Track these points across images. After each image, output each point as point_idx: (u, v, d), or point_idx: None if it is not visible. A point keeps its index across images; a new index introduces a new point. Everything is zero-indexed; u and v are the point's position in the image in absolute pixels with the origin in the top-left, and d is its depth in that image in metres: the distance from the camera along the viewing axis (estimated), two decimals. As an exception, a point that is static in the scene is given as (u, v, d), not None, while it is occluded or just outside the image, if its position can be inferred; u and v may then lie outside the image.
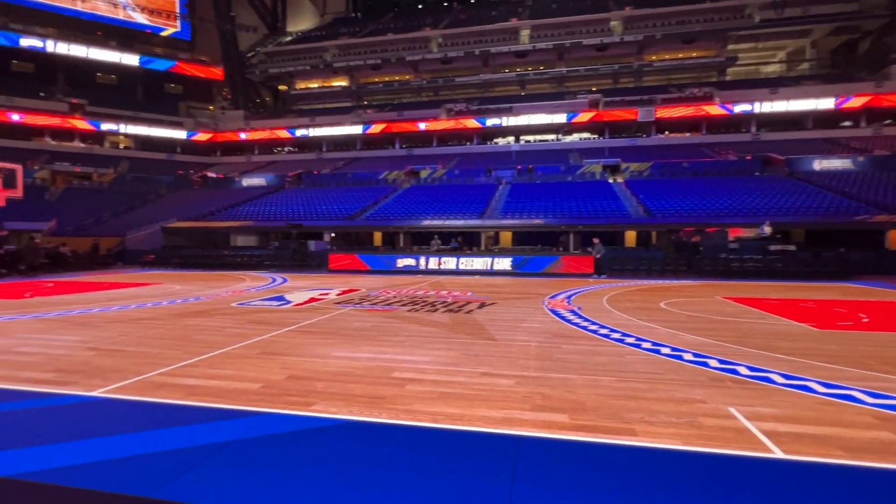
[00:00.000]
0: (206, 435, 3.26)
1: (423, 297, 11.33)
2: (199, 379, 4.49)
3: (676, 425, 3.51)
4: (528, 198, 28.22)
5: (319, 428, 3.40)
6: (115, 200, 34.54)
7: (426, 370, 4.84)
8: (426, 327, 7.27)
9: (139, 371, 4.76)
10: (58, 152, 40.89)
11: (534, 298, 10.98)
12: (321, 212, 29.49)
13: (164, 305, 9.82)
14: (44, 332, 6.93)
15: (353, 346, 5.92)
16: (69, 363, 5.09)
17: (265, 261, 22.65)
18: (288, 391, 4.14)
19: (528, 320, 7.92)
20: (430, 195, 31.14)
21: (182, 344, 6.07)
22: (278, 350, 5.72)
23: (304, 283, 15.07)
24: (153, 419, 3.55)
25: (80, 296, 11.63)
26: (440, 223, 24.89)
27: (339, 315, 8.54)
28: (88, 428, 3.38)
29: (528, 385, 4.36)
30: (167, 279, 16.75)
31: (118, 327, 7.27)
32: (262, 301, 10.46)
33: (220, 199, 34.99)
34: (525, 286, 14.26)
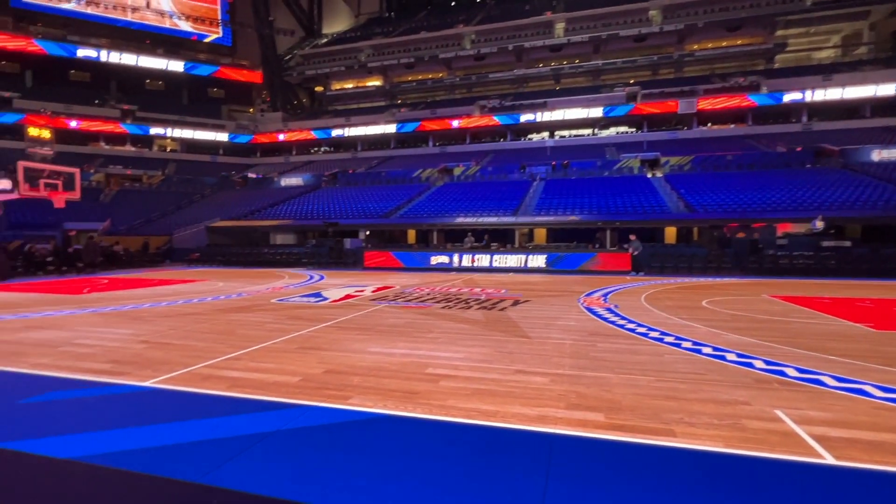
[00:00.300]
0: (249, 425, 3.39)
1: (457, 294, 11.35)
2: (241, 371, 4.67)
3: (718, 427, 3.40)
4: (563, 194, 27.80)
5: (356, 421, 3.48)
6: (163, 201, 36.24)
7: (460, 366, 4.86)
8: (460, 324, 7.29)
9: (186, 363, 5.00)
10: (111, 156, 43.25)
11: (568, 296, 10.82)
12: (356, 210, 30.00)
13: (209, 301, 10.23)
14: (100, 325, 7.37)
15: (388, 342, 6.00)
16: (123, 355, 5.40)
17: (303, 258, 23.26)
18: (326, 385, 4.26)
19: (562, 318, 7.82)
20: (463, 192, 31.14)
21: (226, 338, 6.31)
22: (316, 345, 5.87)
23: (341, 280, 15.38)
24: (200, 409, 3.73)
25: (133, 292, 12.29)
26: (473, 220, 24.86)
27: (375, 311, 8.67)
28: (141, 416, 3.59)
29: (562, 383, 4.32)
30: (211, 276, 17.46)
31: (167, 322, 7.65)
32: (301, 297, 10.74)
33: (260, 198, 36.14)
34: (560, 283, 14.09)
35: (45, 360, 5.14)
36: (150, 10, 47.37)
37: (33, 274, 17.87)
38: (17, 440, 3.15)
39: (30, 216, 27.76)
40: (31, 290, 12.85)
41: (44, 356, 5.34)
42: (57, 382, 4.41)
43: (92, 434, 3.27)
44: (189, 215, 33.86)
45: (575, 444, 3.12)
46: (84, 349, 5.69)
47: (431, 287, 12.96)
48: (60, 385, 4.33)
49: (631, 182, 28.70)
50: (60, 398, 3.99)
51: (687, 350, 5.55)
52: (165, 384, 4.30)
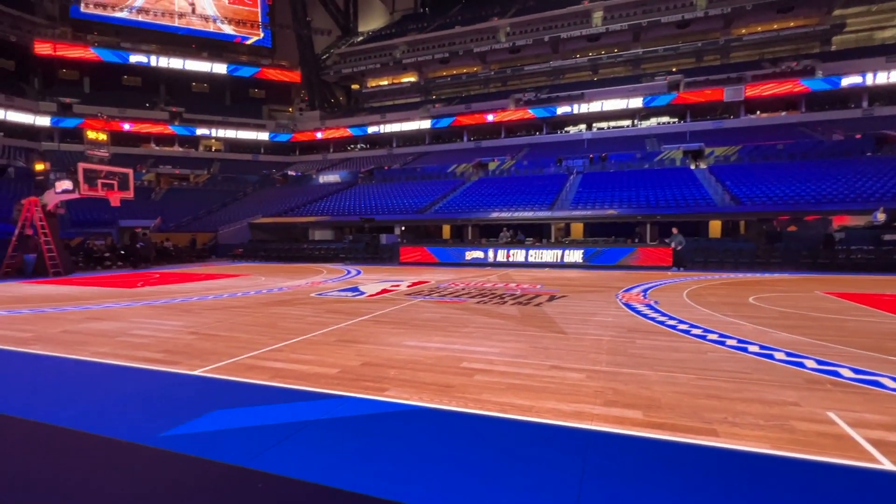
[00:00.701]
0: (291, 414, 3.53)
1: (492, 289, 11.36)
2: (283, 363, 4.86)
3: (764, 428, 3.28)
4: (601, 187, 27.22)
5: (392, 412, 3.56)
6: (208, 199, 37.79)
7: (494, 361, 4.87)
8: (495, 319, 7.30)
9: (232, 354, 5.23)
10: (160, 156, 45.45)
11: (606, 292, 10.66)
12: (392, 206, 30.35)
13: (252, 295, 10.65)
14: (153, 317, 7.82)
15: (424, 336, 6.08)
16: (174, 345, 5.71)
17: (340, 253, 23.76)
18: (363, 377, 4.36)
19: (599, 314, 7.71)
20: (498, 187, 30.97)
21: (268, 330, 6.56)
22: (354, 338, 6.02)
23: (377, 276, 15.64)
24: (244, 397, 3.90)
25: (182, 286, 12.92)
26: (508, 215, 24.70)
27: (410, 306, 8.79)
28: (192, 402, 3.79)
29: (599, 379, 4.26)
30: (254, 271, 18.13)
31: (214, 314, 8.01)
32: (339, 292, 11.02)
33: (300, 195, 37.10)
34: (597, 279, 13.90)
35: (104, 349, 5.50)
36: (196, 15, 49.29)
37: (92, 268, 19.07)
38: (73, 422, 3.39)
39: (88, 214, 29.56)
40: (90, 283, 13.73)
41: (103, 345, 5.71)
42: (116, 370, 4.71)
43: (145, 417, 3.48)
44: (233, 212, 35.17)
45: (611, 442, 3.08)
46: (139, 339, 6.06)
47: (466, 282, 13.00)
48: (119, 372, 4.63)
49: (673, 174, 27.79)
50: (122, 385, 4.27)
51: (731, 348, 5.36)
52: (213, 373, 4.52)
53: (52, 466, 2.82)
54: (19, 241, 15.84)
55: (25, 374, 4.61)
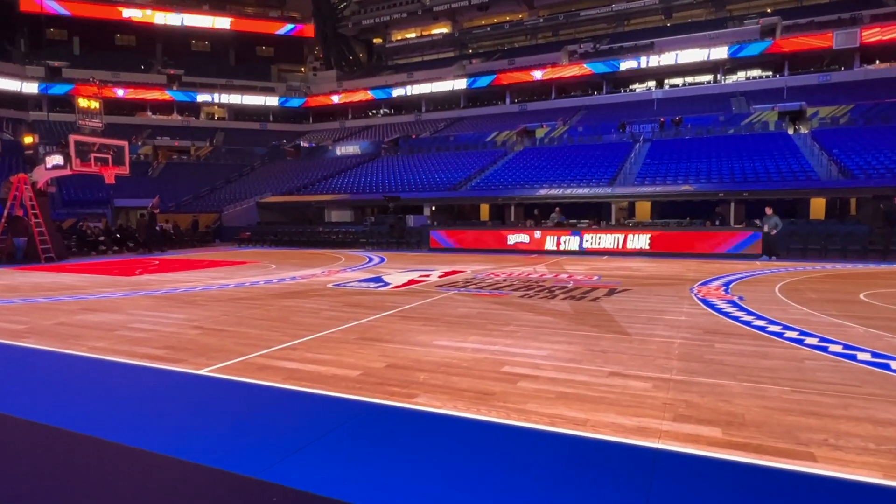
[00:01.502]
0: (307, 421, 3.66)
1: (539, 280, 11.36)
2: (298, 363, 5.02)
3: (876, 453, 3.17)
4: (674, 158, 26.57)
5: (422, 422, 3.64)
6: (211, 174, 38.97)
7: (542, 366, 4.90)
8: (542, 316, 7.31)
9: (241, 352, 5.45)
10: (158, 126, 47.07)
11: (678, 285, 10.52)
12: (420, 182, 30.50)
13: (262, 285, 11.00)
14: (153, 309, 8.21)
15: (458, 335, 6.15)
16: (177, 341, 5.99)
17: (360, 238, 24.14)
18: (388, 380, 4.47)
19: (670, 311, 7.62)
20: (547, 159, 30.65)
21: (280, 325, 6.79)
22: (377, 336, 6.15)
23: (403, 263, 15.82)
24: (256, 400, 4.07)
25: (184, 274, 13.48)
26: (559, 192, 24.46)
27: (442, 299, 8.88)
28: (198, 405, 3.98)
29: (669, 390, 4.22)
30: (263, 257, 18.67)
31: (220, 306, 8.35)
32: (359, 283, 11.26)
33: (313, 170, 37.76)
34: (667, 269, 13.70)
35: (101, 344, 5.83)
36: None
37: (86, 253, 20.10)
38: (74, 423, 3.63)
39: (81, 193, 31.06)
40: (85, 270, 14.50)
41: (100, 339, 6.06)
42: (115, 368, 4.99)
43: (152, 423, 3.69)
44: (238, 190, 36.17)
45: (683, 463, 3.06)
46: (139, 333, 6.39)
47: (508, 272, 13.01)
48: (119, 371, 4.91)
49: (765, 141, 26.79)
50: (116, 382, 4.53)
51: (835, 355, 5.20)
52: (221, 373, 4.73)
53: (48, 468, 3.05)
54: (8, 222, 16.84)
55: (22, 370, 4.94)
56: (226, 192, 36.13)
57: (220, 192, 36.33)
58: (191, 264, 16.43)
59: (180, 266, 15.83)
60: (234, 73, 51.22)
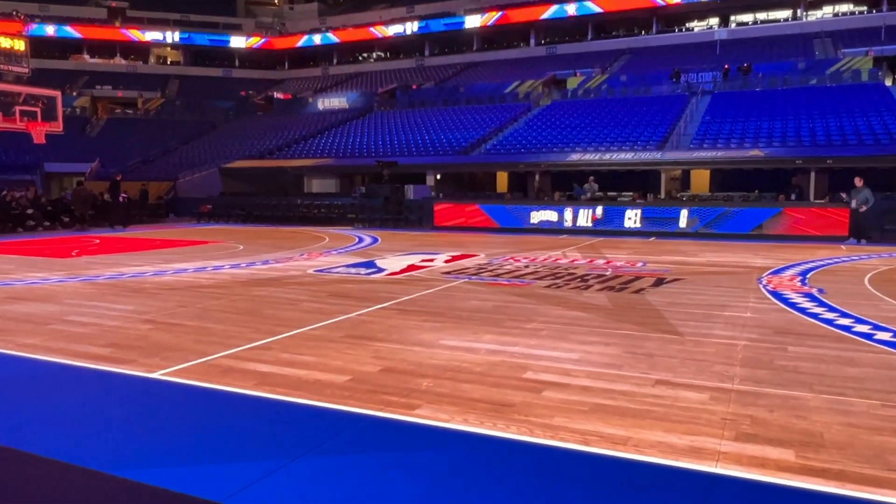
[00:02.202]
0: (283, 436, 3.69)
1: (570, 267, 11.38)
2: (272, 365, 5.06)
3: None
4: (740, 115, 26.31)
5: (425, 439, 3.66)
6: (164, 133, 38.96)
7: (573, 371, 4.91)
8: (573, 311, 7.32)
9: (203, 351, 5.50)
10: (98, 73, 46.97)
11: (743, 273, 10.52)
12: (423, 144, 30.38)
13: (227, 270, 11.07)
14: (95, 298, 8.28)
15: (469, 333, 6.18)
16: (125, 337, 6.05)
17: (349, 213, 24.16)
18: (383, 388, 4.49)
19: (732, 306, 7.62)
20: (581, 115, 30.42)
21: (250, 320, 6.85)
22: (369, 333, 6.18)
23: (401, 245, 15.83)
24: (221, 411, 4.11)
25: (131, 255, 13.54)
26: (596, 158, 24.32)
27: (449, 289, 8.91)
28: (152, 415, 4.02)
29: (729, 402, 4.23)
30: (228, 236, 18.73)
31: (176, 296, 8.41)
32: (347, 268, 11.31)
33: (290, 128, 37.67)
34: (729, 254, 13.67)
35: (32, 341, 5.90)
36: None
37: (11, 230, 20.24)
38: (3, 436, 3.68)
39: (4, 156, 31.18)
40: (10, 250, 14.60)
41: (30, 335, 6.13)
42: (49, 369, 5.04)
43: (89, 435, 3.73)
44: (197, 152, 36.18)
45: (746, 492, 3.07)
46: (77, 328, 6.46)
47: (532, 257, 13.02)
48: (54, 373, 4.96)
49: (856, 94, 26.42)
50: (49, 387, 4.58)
51: (939, 362, 5.17)
52: (177, 377, 4.77)
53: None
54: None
55: (-67, 372, 5.01)
56: (182, 156, 36.16)
57: (175, 156, 36.36)
58: (139, 244, 16.47)
59: (126, 246, 15.88)
60: (191, 7, 50.91)
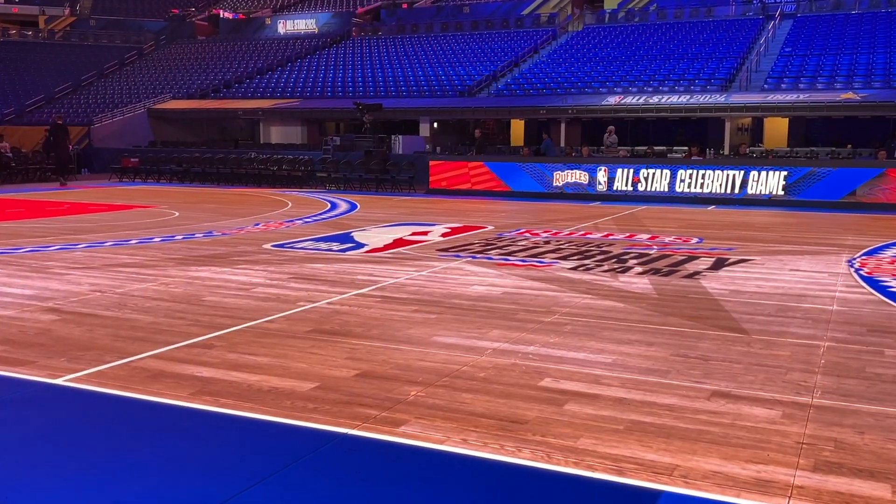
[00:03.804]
0: (226, 462, 3.69)
1: (602, 243, 11.35)
2: (215, 368, 5.06)
3: None
4: (830, 46, 26.13)
5: (412, 465, 3.67)
6: (73, 62, 38.64)
7: (603, 378, 4.92)
8: (605, 300, 7.32)
9: (124, 350, 5.49)
10: (-13, -18, 46.40)
11: (830, 254, 10.51)
12: (415, 82, 30.17)
13: (157, 244, 10.99)
14: (-16, 279, 8.25)
15: (472, 328, 6.17)
16: (21, 331, 6.03)
17: (319, 171, 24.06)
18: (360, 398, 4.50)
19: (814, 296, 7.60)
20: (621, 45, 30.22)
21: (187, 309, 6.82)
22: (343, 327, 6.17)
23: (386, 213, 15.80)
24: (146, 427, 4.10)
25: (31, 223, 13.44)
26: (640, 101, 24.19)
27: (447, 271, 8.89)
28: (52, 432, 4.03)
29: (808, 421, 4.24)
30: (159, 198, 18.62)
31: (89, 277, 8.35)
32: (315, 242, 11.29)
33: (241, 58, 37.37)
34: (810, 227, 13.66)
35: None
36: None
37: None
38: None
39: None
40: None
41: None
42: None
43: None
44: (118, 89, 35.93)
45: (828, 537, 3.09)
46: (-40, 318, 6.44)
47: (554, 230, 12.98)
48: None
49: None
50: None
51: None
52: (89, 383, 4.76)
53: None
54: None
55: None
56: (98, 93, 35.89)
57: (89, 93, 36.09)
58: (41, 208, 16.37)
59: (24, 212, 15.76)
60: None
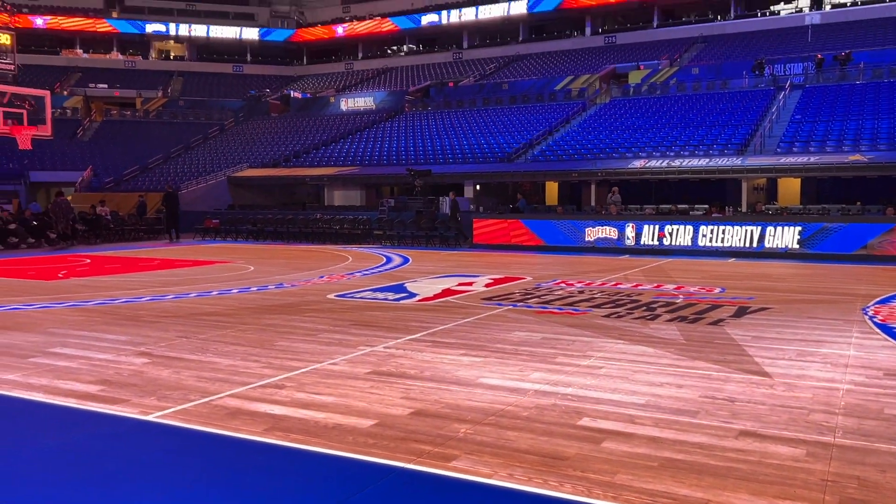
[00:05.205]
0: (296, 491, 3.70)
1: (633, 293, 11.31)
2: (286, 406, 5.10)
3: None
4: (838, 113, 25.89)
5: (463, 497, 3.63)
6: (164, 137, 39.92)
7: (638, 418, 4.85)
8: (638, 345, 7.27)
9: (206, 389, 5.57)
10: (92, 70, 48.46)
11: (845, 302, 10.35)
12: (460, 150, 30.52)
13: (235, 295, 11.24)
14: (83, 326, 8.47)
15: (515, 370, 6.17)
16: (116, 373, 6.17)
17: (375, 229, 24.34)
18: (414, 434, 4.49)
19: (832, 341, 7.48)
20: (645, 114, 30.26)
21: (261, 353, 6.92)
22: (398, 369, 6.21)
23: (435, 266, 15.91)
24: (226, 460, 4.15)
25: (125, 277, 13.83)
26: (664, 164, 24.13)
27: (491, 318, 8.90)
28: (145, 465, 4.08)
29: (831, 460, 4.13)
30: (236, 254, 19.01)
31: (175, 325, 8.55)
32: (373, 292, 11.40)
33: (308, 131, 38.26)
34: (825, 278, 13.46)
35: (13, 376, 6.05)
36: None
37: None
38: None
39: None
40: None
41: (10, 370, 6.29)
42: (31, 410, 5.16)
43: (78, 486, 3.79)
44: (203, 159, 36.96)
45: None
46: (63, 361, 6.60)
47: (587, 280, 12.95)
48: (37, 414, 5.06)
49: (980, 88, 25.78)
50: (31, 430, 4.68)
51: None
52: (176, 420, 4.83)
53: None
54: None
55: None
56: (185, 163, 36.97)
57: (177, 163, 37.19)
58: (134, 264, 16.79)
59: (120, 266, 16.19)
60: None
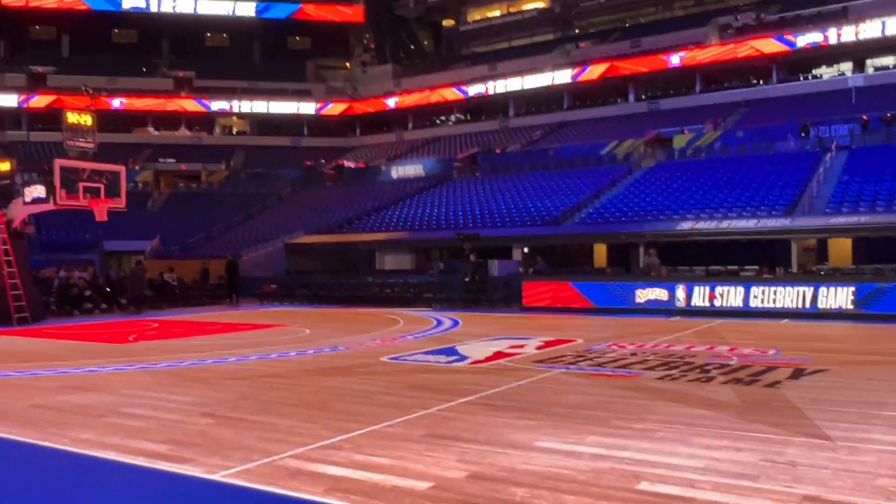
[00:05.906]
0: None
1: (685, 354, 11.10)
2: (344, 468, 5.09)
3: None
4: (886, 173, 25.46)
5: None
6: (226, 206, 41.07)
7: (697, 483, 4.71)
8: (693, 408, 7.09)
9: (267, 450, 5.59)
10: (161, 146, 50.50)
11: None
12: (508, 214, 30.67)
13: (293, 357, 11.35)
14: (152, 387, 8.67)
15: (570, 433, 6.05)
16: (183, 432, 6.25)
17: (425, 292, 24.40)
18: (472, 497, 4.42)
19: (893, 403, 7.23)
20: (690, 177, 30.12)
21: (318, 414, 6.95)
22: (452, 431, 6.15)
23: (485, 329, 15.81)
24: (288, 520, 4.13)
25: (191, 341, 14.13)
26: (712, 226, 23.86)
27: (543, 381, 8.80)
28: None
29: (900, 526, 3.92)
30: (293, 319, 19.25)
31: (237, 386, 8.68)
32: (425, 355, 11.39)
33: (361, 199, 38.95)
34: (881, 339, 13.07)
35: (86, 435, 6.19)
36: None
37: (68, 313, 21.56)
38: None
39: (64, 234, 33.61)
40: (67, 335, 15.52)
41: (85, 428, 6.44)
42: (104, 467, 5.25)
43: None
44: (261, 227, 37.83)
45: None
46: (134, 421, 6.75)
47: (639, 342, 12.76)
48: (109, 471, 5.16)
49: None
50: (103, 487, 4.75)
51: None
52: (240, 479, 4.85)
53: None
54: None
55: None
56: (245, 231, 37.90)
57: (238, 231, 38.15)
58: (199, 328, 17.13)
59: (185, 330, 16.56)
60: (259, 73, 54.50)
